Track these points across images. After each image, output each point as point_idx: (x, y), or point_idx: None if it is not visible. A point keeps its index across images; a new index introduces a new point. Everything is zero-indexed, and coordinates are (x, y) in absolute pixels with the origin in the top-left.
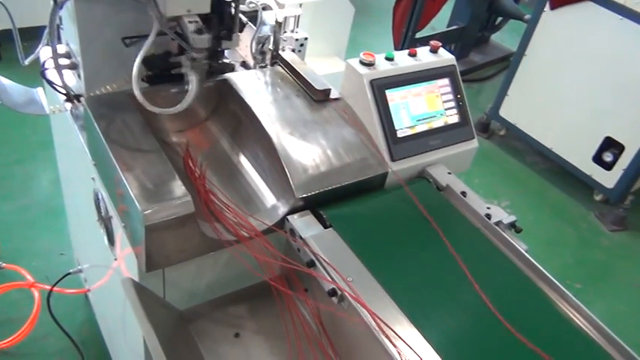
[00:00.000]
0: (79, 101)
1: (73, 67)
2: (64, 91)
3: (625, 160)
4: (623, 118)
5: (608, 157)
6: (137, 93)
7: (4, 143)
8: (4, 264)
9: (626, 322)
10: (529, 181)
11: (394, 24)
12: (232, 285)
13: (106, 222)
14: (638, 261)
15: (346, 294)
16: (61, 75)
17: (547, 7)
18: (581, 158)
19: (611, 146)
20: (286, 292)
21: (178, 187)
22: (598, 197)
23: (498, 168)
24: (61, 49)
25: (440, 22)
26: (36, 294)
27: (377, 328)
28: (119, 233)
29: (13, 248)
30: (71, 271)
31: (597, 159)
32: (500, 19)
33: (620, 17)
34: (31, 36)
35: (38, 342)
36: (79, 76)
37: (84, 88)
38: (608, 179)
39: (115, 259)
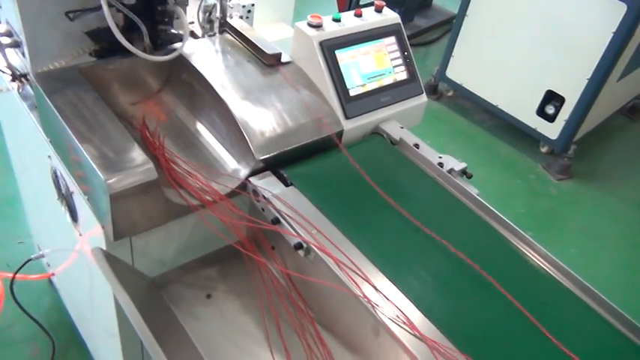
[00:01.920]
0: (26, 80)
1: (15, 45)
2: (9, 71)
3: (566, 112)
4: (562, 71)
5: (550, 109)
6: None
7: None
8: None
9: (578, 262)
10: (478, 138)
11: None
12: (201, 249)
13: (67, 199)
14: (585, 206)
15: (311, 245)
16: (3, 54)
17: None
18: (526, 112)
19: (552, 99)
20: (253, 252)
21: (139, 155)
22: (544, 149)
23: (448, 128)
24: (1, 28)
25: None
26: None
27: (343, 275)
28: (82, 208)
29: None
30: (32, 256)
31: (541, 112)
32: None
33: None
34: None
35: (5, 331)
36: (22, 54)
37: (29, 66)
38: (552, 131)
39: (80, 235)
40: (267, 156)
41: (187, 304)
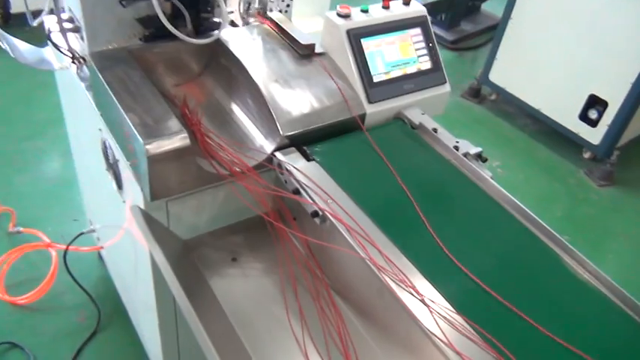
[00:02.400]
0: (84, 61)
1: (75, 30)
2: (70, 54)
3: (609, 116)
4: (605, 75)
5: (593, 114)
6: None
7: (14, 121)
8: (22, 229)
9: (614, 268)
10: (519, 142)
11: None
12: (230, 218)
13: (113, 167)
14: (626, 214)
15: (326, 213)
16: (65, 37)
17: None
18: (568, 117)
19: (595, 103)
20: (276, 222)
21: (175, 125)
22: (586, 155)
23: (490, 131)
24: (64, 15)
25: None
26: (53, 253)
27: (353, 240)
28: (126, 174)
29: (29, 216)
30: (84, 230)
31: (583, 117)
32: None
33: None
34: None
35: (57, 298)
36: (81, 38)
37: (87, 48)
38: (595, 136)
39: (124, 202)
40: (292, 133)
41: (214, 265)
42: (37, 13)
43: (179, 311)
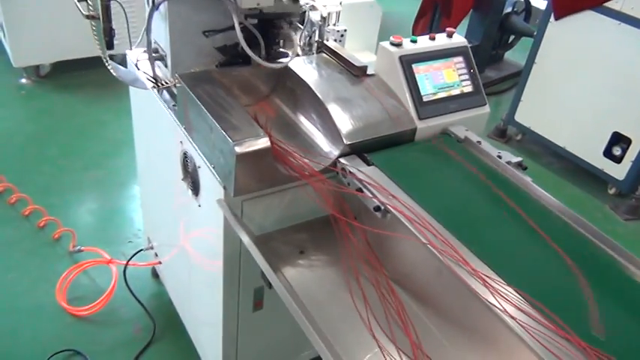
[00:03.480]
0: (165, 86)
1: (160, 58)
2: (153, 80)
3: (633, 153)
4: (628, 113)
5: (617, 150)
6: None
7: (72, 153)
8: (82, 247)
9: None
10: (545, 179)
11: None
12: (295, 219)
13: (192, 175)
14: None
15: (388, 206)
16: (152, 65)
17: (552, 19)
18: (592, 154)
19: (619, 141)
20: (341, 218)
21: (257, 130)
22: (612, 191)
23: None
24: (153, 46)
25: None
26: (113, 269)
27: (413, 227)
28: (206, 177)
29: (87, 237)
30: (144, 247)
31: (607, 153)
32: (512, 37)
33: (618, 22)
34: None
35: (115, 311)
36: (165, 65)
37: (169, 74)
38: (619, 172)
39: (199, 206)
40: (354, 142)
41: (284, 257)
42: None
43: (241, 318)
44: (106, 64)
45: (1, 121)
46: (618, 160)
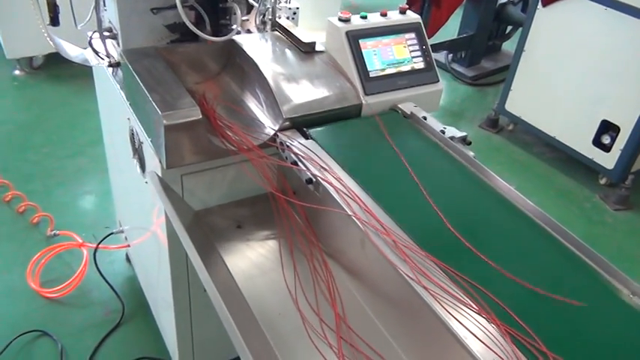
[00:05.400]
0: (118, 66)
1: (113, 37)
2: (107, 59)
3: (622, 141)
4: (616, 101)
5: (606, 139)
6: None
7: (58, 142)
8: (58, 231)
9: None
10: (536, 169)
11: None
12: (237, 195)
13: (139, 152)
14: None
15: (319, 179)
16: (104, 43)
17: (539, 5)
18: (582, 143)
19: (608, 129)
20: (279, 195)
21: (189, 101)
22: (602, 181)
23: (506, 158)
24: (105, 25)
25: (451, 31)
26: (84, 252)
27: (340, 199)
28: (148, 153)
29: (65, 222)
30: (114, 230)
31: (597, 142)
32: (509, 28)
33: (605, 7)
34: None
35: (86, 294)
36: (118, 44)
37: (121, 49)
38: (608, 161)
39: (146, 183)
40: (293, 116)
41: (221, 231)
42: None
43: (192, 297)
44: (49, 41)
45: None
46: (607, 148)
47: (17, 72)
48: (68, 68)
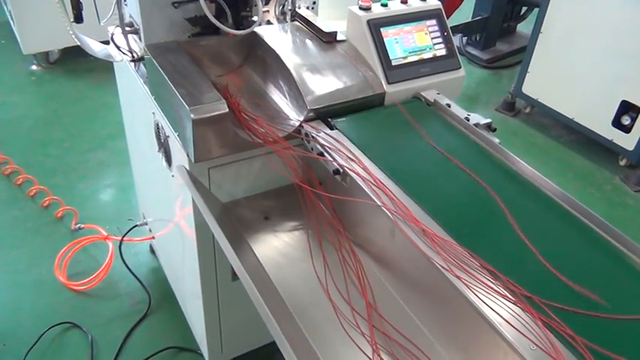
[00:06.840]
0: (142, 61)
1: (135, 32)
2: (130, 54)
3: None
4: (636, 81)
5: (626, 120)
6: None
7: (78, 136)
8: (83, 225)
9: None
10: (554, 152)
11: None
12: (263, 187)
13: (164, 146)
14: None
15: (346, 169)
16: (126, 39)
17: None
18: (602, 124)
19: (628, 110)
20: (303, 185)
21: (216, 95)
22: (623, 162)
23: (524, 142)
24: (126, 20)
25: (465, 13)
26: (110, 245)
27: (369, 189)
28: (174, 147)
29: (89, 216)
30: (138, 223)
31: (617, 123)
32: (524, 9)
33: None
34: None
35: (113, 286)
36: (140, 38)
37: (143, 44)
38: (629, 142)
39: (173, 176)
40: (318, 107)
41: (249, 223)
42: None
43: (220, 288)
44: (73, 37)
45: (12, 106)
46: (628, 129)
47: (34, 67)
48: (84, 62)
